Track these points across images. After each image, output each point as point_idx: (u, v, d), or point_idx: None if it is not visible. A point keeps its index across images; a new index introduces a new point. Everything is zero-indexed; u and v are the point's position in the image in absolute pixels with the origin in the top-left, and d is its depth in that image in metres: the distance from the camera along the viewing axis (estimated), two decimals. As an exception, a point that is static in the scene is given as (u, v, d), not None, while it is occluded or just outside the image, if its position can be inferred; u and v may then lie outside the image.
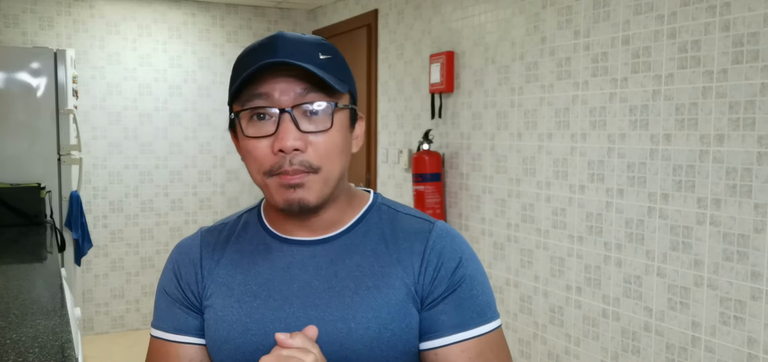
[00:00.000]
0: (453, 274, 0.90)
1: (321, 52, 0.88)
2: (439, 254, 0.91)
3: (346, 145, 0.90)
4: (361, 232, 0.94)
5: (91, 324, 4.56)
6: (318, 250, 0.92)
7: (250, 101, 0.86)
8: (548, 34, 2.70)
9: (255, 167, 0.88)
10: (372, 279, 0.89)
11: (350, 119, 0.92)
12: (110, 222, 4.60)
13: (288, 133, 0.84)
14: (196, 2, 4.71)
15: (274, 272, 0.92)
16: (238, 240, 0.97)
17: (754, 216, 1.94)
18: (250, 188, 4.96)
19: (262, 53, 0.85)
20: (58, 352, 1.47)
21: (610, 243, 2.43)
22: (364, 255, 0.91)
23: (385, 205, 0.98)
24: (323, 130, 0.86)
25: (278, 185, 0.87)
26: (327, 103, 0.86)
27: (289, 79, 0.85)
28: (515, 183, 2.92)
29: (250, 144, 0.87)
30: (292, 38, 0.87)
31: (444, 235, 0.93)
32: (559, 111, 2.66)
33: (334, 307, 0.88)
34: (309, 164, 0.85)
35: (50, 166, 3.46)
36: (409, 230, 0.93)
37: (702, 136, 2.09)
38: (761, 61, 1.91)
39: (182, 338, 0.96)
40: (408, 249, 0.91)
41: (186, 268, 0.97)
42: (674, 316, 2.20)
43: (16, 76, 3.38)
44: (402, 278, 0.89)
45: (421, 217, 0.96)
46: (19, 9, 4.25)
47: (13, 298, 1.91)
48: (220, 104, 4.81)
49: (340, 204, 0.94)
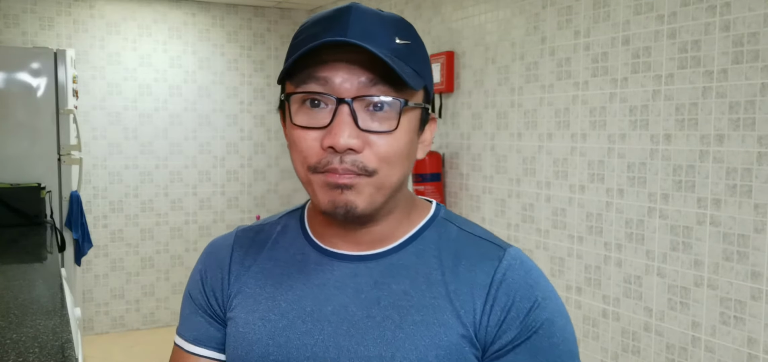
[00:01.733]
0: (527, 317, 0.73)
1: (398, 36, 0.73)
2: (510, 290, 0.73)
3: (411, 149, 0.75)
4: (414, 252, 0.78)
5: (91, 324, 4.56)
6: (361, 268, 0.78)
7: (305, 84, 0.72)
8: (548, 34, 2.70)
9: (299, 160, 0.74)
10: (420, 313, 0.74)
11: (420, 119, 0.77)
12: (110, 223, 4.60)
13: (343, 128, 0.70)
14: (196, 2, 4.71)
15: (307, 289, 0.79)
16: (274, 247, 0.85)
17: (754, 216, 1.94)
18: (249, 189, 4.97)
19: (328, 26, 0.71)
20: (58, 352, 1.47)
21: (610, 243, 2.43)
22: (414, 282, 0.76)
23: (448, 221, 0.81)
24: (387, 130, 0.72)
25: (323, 184, 0.73)
26: (395, 99, 0.71)
27: (355, 64, 0.70)
28: (515, 183, 2.92)
29: (297, 133, 0.73)
30: (367, 13, 0.72)
31: (517, 266, 0.75)
32: (559, 111, 2.66)
33: (371, 341, 0.73)
34: (363, 166, 0.71)
35: (50, 166, 3.46)
36: (474, 255, 0.77)
37: (702, 136, 2.09)
38: (761, 61, 1.91)
39: (201, 351, 0.86)
40: (469, 279, 0.75)
41: (213, 272, 0.86)
42: (674, 316, 2.20)
43: (17, 76, 3.39)
44: (458, 316, 0.73)
45: (491, 240, 0.79)
46: (19, 9, 4.25)
47: (13, 298, 1.91)
48: (220, 104, 4.82)
49: (396, 217, 0.79)
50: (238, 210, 4.93)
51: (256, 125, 4.93)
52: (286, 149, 5.04)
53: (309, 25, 0.74)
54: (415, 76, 0.73)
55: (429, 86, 0.77)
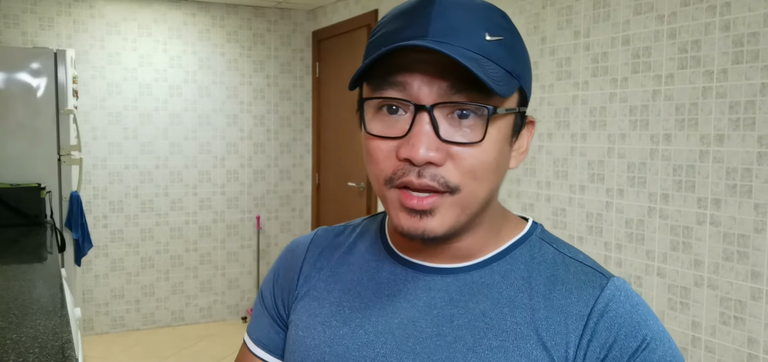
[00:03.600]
0: (633, 359, 0.62)
1: (489, 32, 0.63)
2: (613, 324, 0.64)
3: (501, 161, 0.66)
4: (501, 271, 0.70)
5: (91, 325, 4.56)
6: (437, 282, 0.70)
7: (382, 89, 0.64)
8: (548, 34, 2.70)
9: (374, 173, 0.67)
10: (499, 338, 0.65)
11: (514, 126, 0.68)
12: (110, 223, 4.60)
13: (422, 139, 0.62)
14: (196, 2, 4.71)
15: (376, 298, 0.72)
16: (350, 251, 0.79)
17: (754, 216, 1.94)
18: (249, 189, 4.97)
19: (408, 22, 0.64)
20: (58, 352, 1.47)
21: (610, 243, 2.43)
22: (496, 303, 0.67)
23: (545, 242, 0.72)
24: (472, 142, 0.63)
25: (399, 204, 0.65)
26: (482, 106, 0.62)
27: (436, 67, 0.62)
28: (515, 183, 2.92)
29: (372, 143, 0.66)
30: (454, 6, 0.63)
31: (622, 299, 0.65)
32: (559, 111, 2.66)
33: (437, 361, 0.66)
34: (445, 182, 0.63)
35: (50, 166, 3.46)
36: (571, 281, 0.67)
37: (702, 136, 2.09)
38: (761, 61, 1.91)
39: (263, 354, 0.82)
40: (564, 307, 0.65)
41: (286, 271, 0.82)
42: (674, 316, 2.20)
43: (17, 76, 3.39)
44: (546, 347, 0.64)
45: (592, 267, 0.69)
46: (19, 9, 4.25)
47: (13, 298, 1.91)
48: (220, 104, 4.82)
49: (483, 232, 0.70)
50: (238, 210, 4.93)
51: (256, 125, 4.93)
52: (285, 149, 5.04)
53: (390, 18, 0.66)
54: (507, 79, 0.63)
55: (525, 86, 0.68)
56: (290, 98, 5.02)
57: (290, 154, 5.06)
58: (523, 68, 0.67)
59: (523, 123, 0.70)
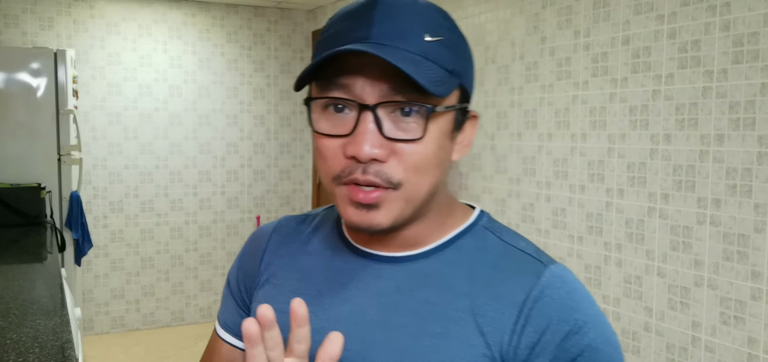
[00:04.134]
0: (565, 341, 0.65)
1: (429, 33, 0.66)
2: (547, 310, 0.66)
3: (443, 155, 0.70)
4: (446, 259, 0.73)
5: (91, 325, 4.56)
6: (386, 271, 0.73)
7: (327, 89, 0.67)
8: (548, 34, 2.70)
9: (323, 170, 0.71)
10: (440, 324, 0.68)
11: (455, 121, 0.71)
12: (110, 223, 4.60)
13: (366, 137, 0.65)
14: (196, 2, 4.71)
15: (330, 286, 0.76)
16: (309, 240, 0.82)
17: (754, 216, 1.94)
18: (249, 189, 4.97)
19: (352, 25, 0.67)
20: (58, 352, 1.47)
21: (610, 243, 2.43)
22: (439, 290, 0.70)
23: (490, 231, 0.75)
24: (413, 138, 0.66)
25: (347, 199, 0.69)
26: (422, 105, 0.65)
27: (378, 69, 0.65)
28: (515, 183, 2.92)
29: (319, 141, 0.69)
30: (396, 6, 0.66)
31: (557, 285, 0.68)
32: (559, 111, 2.66)
33: (382, 347, 0.69)
34: (387, 177, 0.66)
35: (50, 166, 3.46)
36: (509, 269, 0.70)
37: (702, 136, 2.09)
38: (761, 61, 1.91)
39: (229, 338, 0.85)
40: (501, 294, 0.68)
41: (250, 258, 0.86)
42: (674, 316, 2.20)
43: (17, 76, 3.39)
44: (482, 333, 0.67)
45: (530, 253, 0.72)
46: (19, 9, 4.25)
47: (13, 298, 1.91)
48: (220, 104, 4.82)
49: (429, 222, 0.74)
50: (238, 210, 4.93)
51: (256, 125, 4.93)
52: (285, 149, 5.04)
53: (337, 20, 0.69)
54: (446, 79, 0.66)
55: (467, 83, 0.71)
56: (290, 98, 5.02)
57: (290, 154, 5.06)
58: (463, 66, 0.70)
59: (466, 118, 0.73)
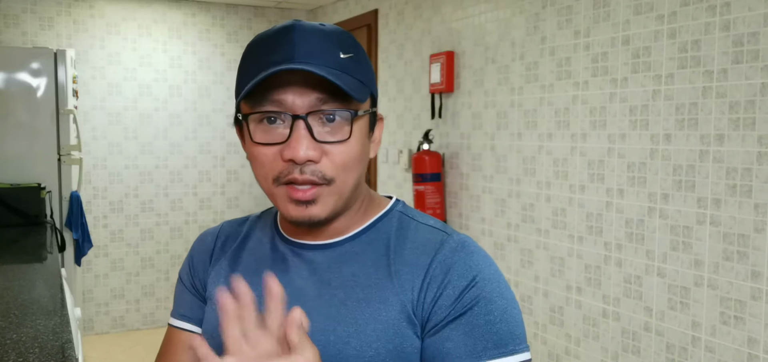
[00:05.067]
0: (463, 294, 0.77)
1: (341, 51, 0.79)
2: (447, 270, 0.79)
3: (364, 153, 0.83)
4: (367, 240, 0.86)
5: (91, 325, 4.56)
6: (318, 256, 0.86)
7: (261, 105, 0.78)
8: (548, 34, 2.70)
9: (262, 174, 0.81)
10: (364, 291, 0.81)
11: (370, 123, 0.84)
12: (110, 223, 4.60)
13: (301, 142, 0.76)
14: (196, 2, 4.71)
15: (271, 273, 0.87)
16: (249, 236, 0.94)
17: (754, 216, 1.94)
18: (249, 189, 4.97)
19: (275, 52, 0.77)
20: (58, 352, 1.47)
21: (610, 243, 2.43)
22: (363, 265, 0.83)
23: (403, 214, 0.88)
24: (341, 140, 0.78)
25: (287, 198, 0.79)
26: (346, 110, 0.78)
27: (305, 84, 0.76)
28: (515, 183, 2.92)
29: (257, 150, 0.80)
30: (310, 32, 0.78)
31: (458, 249, 0.81)
32: (559, 111, 2.66)
33: (317, 317, 0.80)
34: (322, 175, 0.78)
35: (50, 166, 3.46)
36: (418, 241, 0.83)
37: (702, 136, 2.09)
38: (761, 61, 1.91)
39: (185, 325, 0.94)
40: (411, 261, 0.81)
41: (199, 257, 0.96)
42: (674, 316, 2.20)
43: (16, 76, 3.39)
44: (398, 294, 0.79)
45: (437, 227, 0.85)
46: (19, 9, 4.25)
47: (13, 298, 1.91)
48: (220, 104, 4.82)
49: (352, 212, 0.87)
50: (238, 210, 4.93)
51: (256, 125, 4.93)
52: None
53: (256, 48, 0.80)
54: (362, 87, 0.79)
55: (374, 92, 0.85)
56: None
57: (290, 154, 5.06)
58: (370, 78, 0.83)
59: (375, 120, 0.86)
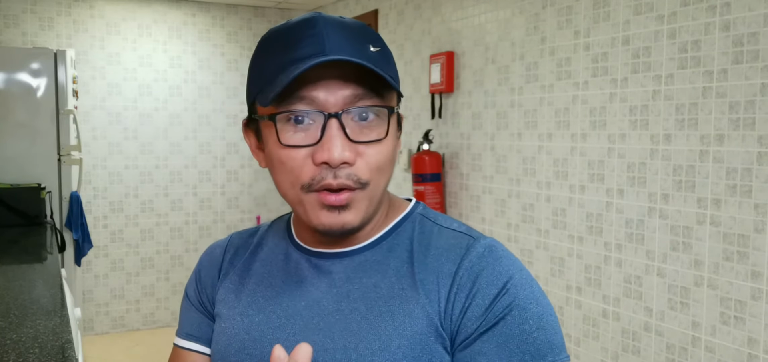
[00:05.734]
0: (494, 303, 0.70)
1: (371, 43, 0.72)
2: (475, 277, 0.71)
3: (395, 153, 0.76)
4: (387, 247, 0.78)
5: (91, 325, 4.56)
6: (336, 265, 0.78)
7: (289, 103, 0.70)
8: (548, 34, 2.70)
9: (289, 180, 0.73)
10: (387, 304, 0.73)
11: (398, 122, 0.78)
12: (110, 223, 4.60)
13: (335, 143, 0.69)
14: (196, 2, 4.71)
15: (285, 286, 0.80)
16: (260, 246, 0.87)
17: (754, 216, 1.94)
18: (249, 189, 4.96)
19: (301, 46, 0.70)
20: (58, 352, 1.47)
21: (610, 243, 2.43)
22: (385, 275, 0.76)
23: (424, 216, 0.81)
24: (378, 139, 0.72)
25: (318, 204, 0.72)
26: (383, 107, 0.72)
27: (337, 79, 0.70)
28: (515, 184, 2.92)
29: (285, 153, 0.72)
30: (336, 24, 0.71)
31: (486, 254, 0.73)
32: (559, 111, 2.66)
33: (338, 333, 0.73)
34: (357, 179, 0.71)
35: (50, 166, 3.46)
36: (443, 246, 0.76)
37: (702, 136, 2.09)
38: (761, 61, 1.91)
39: (192, 345, 0.88)
40: (436, 269, 0.74)
41: (207, 271, 0.90)
42: (674, 316, 2.20)
43: (16, 77, 3.38)
44: (424, 306, 0.72)
45: (463, 232, 0.78)
46: (19, 9, 4.25)
47: (13, 298, 1.91)
48: (220, 104, 4.82)
49: (376, 217, 0.80)
50: (238, 210, 4.93)
51: (256, 125, 4.93)
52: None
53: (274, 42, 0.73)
54: (395, 81, 0.73)
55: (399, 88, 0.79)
56: (290, 98, 5.02)
57: (290, 154, 5.06)
58: (396, 72, 0.77)
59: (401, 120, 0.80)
